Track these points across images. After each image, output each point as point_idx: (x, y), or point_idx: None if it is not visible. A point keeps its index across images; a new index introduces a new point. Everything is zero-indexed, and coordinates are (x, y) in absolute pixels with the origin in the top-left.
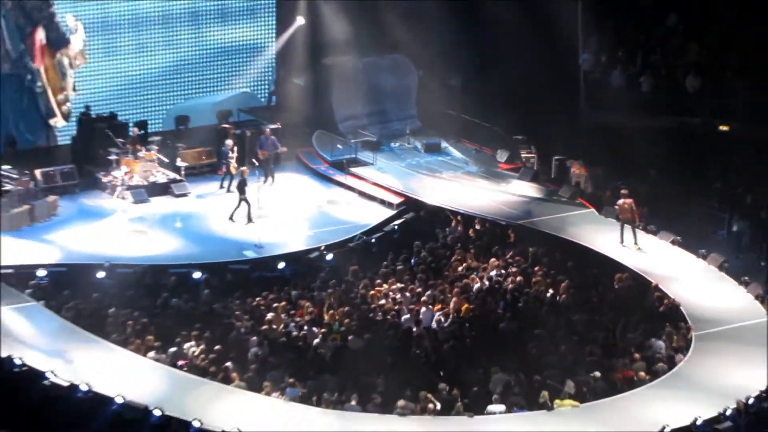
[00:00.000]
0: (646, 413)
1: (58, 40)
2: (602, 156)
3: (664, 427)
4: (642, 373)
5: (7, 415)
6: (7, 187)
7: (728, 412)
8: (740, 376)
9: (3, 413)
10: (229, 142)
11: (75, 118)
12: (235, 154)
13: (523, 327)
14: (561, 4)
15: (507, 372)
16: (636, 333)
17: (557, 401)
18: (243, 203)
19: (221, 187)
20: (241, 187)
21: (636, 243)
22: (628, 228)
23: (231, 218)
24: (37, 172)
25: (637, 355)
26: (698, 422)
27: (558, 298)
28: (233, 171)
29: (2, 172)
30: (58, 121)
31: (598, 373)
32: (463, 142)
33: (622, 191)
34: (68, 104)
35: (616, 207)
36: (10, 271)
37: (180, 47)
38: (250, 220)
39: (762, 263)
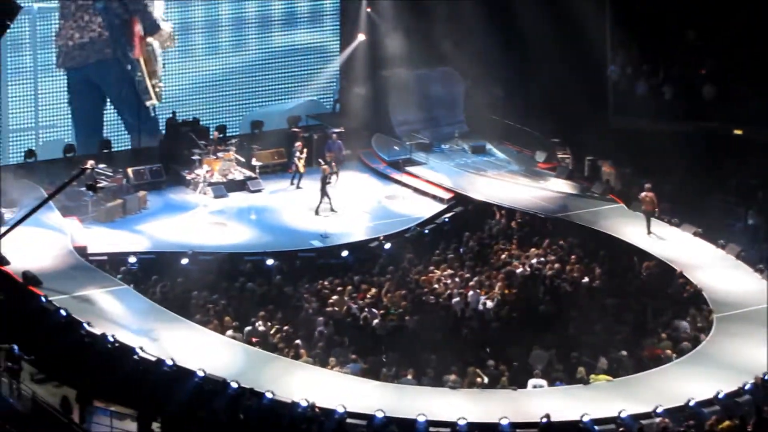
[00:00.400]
0: (673, 387)
1: (150, 26)
2: (629, 157)
3: (689, 400)
4: (669, 351)
5: (101, 385)
6: (103, 183)
7: (747, 387)
8: (758, 354)
9: (98, 384)
10: (298, 144)
11: (163, 123)
12: (303, 155)
13: (561, 309)
14: (592, 24)
15: (545, 349)
16: (663, 315)
17: (593, 376)
18: (325, 196)
19: (291, 183)
20: (323, 183)
21: (649, 231)
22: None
23: (331, 209)
24: (129, 171)
25: (664, 335)
26: (720, 395)
27: (592, 283)
28: (302, 170)
29: (99, 171)
30: (153, 102)
31: (624, 352)
32: (506, 144)
33: (646, 185)
34: (160, 84)
35: (639, 198)
36: (104, 257)
37: (255, 60)
38: (317, 213)
39: None
